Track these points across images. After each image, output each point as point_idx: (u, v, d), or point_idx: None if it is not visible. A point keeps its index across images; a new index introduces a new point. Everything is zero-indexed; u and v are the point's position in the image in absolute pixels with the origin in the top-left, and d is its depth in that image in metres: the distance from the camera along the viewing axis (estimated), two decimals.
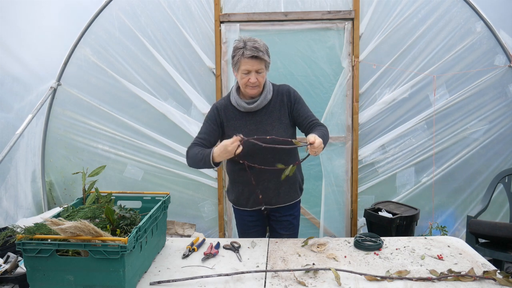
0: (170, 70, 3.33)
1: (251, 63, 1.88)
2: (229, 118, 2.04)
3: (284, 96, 2.04)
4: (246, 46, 1.88)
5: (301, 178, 2.21)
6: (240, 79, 1.96)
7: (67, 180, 3.51)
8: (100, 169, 1.89)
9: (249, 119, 2.02)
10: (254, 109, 2.00)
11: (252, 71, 1.90)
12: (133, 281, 1.53)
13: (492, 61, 3.27)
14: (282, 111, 2.03)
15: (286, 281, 1.58)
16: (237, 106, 2.03)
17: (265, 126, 2.01)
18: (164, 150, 3.42)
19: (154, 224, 1.73)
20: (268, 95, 2.02)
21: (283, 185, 2.06)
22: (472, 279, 1.54)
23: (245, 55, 1.87)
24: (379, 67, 3.28)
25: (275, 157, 1.97)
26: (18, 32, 3.22)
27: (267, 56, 1.93)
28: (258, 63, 1.89)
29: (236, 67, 1.95)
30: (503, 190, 3.08)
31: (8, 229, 1.53)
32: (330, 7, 3.25)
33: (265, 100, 2.01)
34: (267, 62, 1.94)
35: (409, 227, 2.99)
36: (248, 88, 1.95)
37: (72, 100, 3.41)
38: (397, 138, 3.36)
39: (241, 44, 1.90)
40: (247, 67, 1.89)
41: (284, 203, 2.12)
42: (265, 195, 2.07)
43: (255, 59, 1.88)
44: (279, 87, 2.09)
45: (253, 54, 1.86)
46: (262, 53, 1.88)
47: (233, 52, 1.95)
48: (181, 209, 3.47)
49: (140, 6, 3.29)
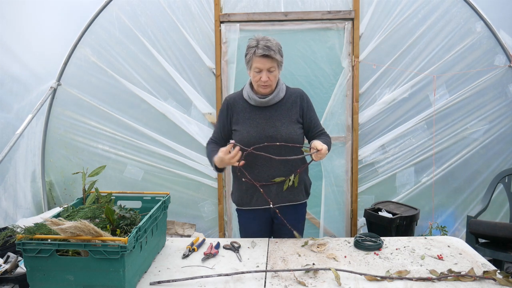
0: (170, 70, 3.33)
1: (263, 61, 1.91)
2: (238, 111, 2.06)
3: (297, 98, 2.08)
4: (258, 45, 1.91)
5: (308, 182, 2.19)
6: (252, 78, 2.00)
7: (67, 180, 3.51)
8: (100, 169, 1.89)
9: (259, 113, 2.04)
10: (265, 104, 2.02)
11: (263, 70, 1.93)
12: (133, 281, 1.53)
13: (492, 61, 3.28)
14: (293, 110, 2.05)
15: (286, 281, 1.58)
16: (248, 99, 2.05)
17: (275, 122, 2.02)
18: (164, 150, 3.42)
19: (154, 224, 1.73)
20: (280, 93, 2.05)
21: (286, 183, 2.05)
22: (472, 279, 1.54)
23: (257, 53, 1.90)
24: (379, 67, 3.28)
25: (278, 151, 1.99)
26: (18, 32, 3.22)
27: (279, 55, 1.95)
28: (269, 62, 1.92)
29: (249, 65, 1.98)
30: (503, 190, 3.08)
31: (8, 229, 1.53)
32: (330, 7, 3.26)
33: (277, 97, 2.03)
34: (279, 61, 1.97)
35: (409, 227, 2.99)
36: (260, 87, 1.99)
37: (72, 100, 3.41)
38: (397, 138, 3.36)
39: (254, 43, 1.93)
40: (259, 65, 1.92)
41: (288, 202, 2.09)
42: (268, 194, 2.05)
43: (266, 58, 1.90)
44: (293, 89, 2.13)
45: (264, 53, 1.89)
46: (273, 52, 1.90)
47: (246, 50, 1.98)
48: (181, 209, 3.47)
49: (140, 6, 3.29)
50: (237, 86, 3.26)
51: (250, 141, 1.98)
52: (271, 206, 2.04)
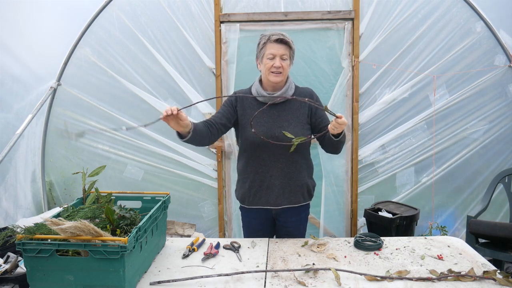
0: (170, 70, 3.33)
1: (277, 47, 1.93)
2: (245, 107, 2.05)
3: (306, 97, 2.04)
4: (273, 34, 1.95)
5: (311, 184, 2.16)
6: (264, 66, 1.98)
7: (67, 180, 3.51)
8: (100, 169, 1.89)
9: (266, 112, 2.01)
10: (274, 100, 2.00)
11: (277, 56, 1.94)
12: (133, 281, 1.53)
13: (492, 61, 3.27)
14: (301, 110, 2.03)
15: (286, 281, 1.58)
16: (256, 95, 2.03)
17: (281, 121, 2.01)
18: (164, 150, 3.42)
19: (154, 224, 1.73)
20: (289, 91, 2.03)
21: (289, 184, 2.05)
22: (472, 279, 1.54)
23: (271, 39, 1.93)
24: (379, 67, 3.28)
25: (285, 156, 2.00)
26: (18, 32, 3.22)
27: (293, 45, 1.98)
28: (283, 48, 1.94)
29: (261, 55, 1.99)
30: (503, 190, 3.08)
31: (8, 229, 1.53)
32: (330, 7, 3.25)
33: (285, 94, 2.01)
34: (292, 51, 1.98)
35: (409, 227, 2.99)
36: (271, 75, 1.96)
37: (72, 100, 3.41)
38: (397, 138, 3.36)
39: (268, 33, 1.97)
40: (273, 51, 1.93)
41: (290, 204, 2.08)
42: (270, 194, 2.06)
43: (280, 43, 1.93)
44: (302, 88, 2.11)
45: (279, 38, 1.92)
46: (287, 39, 1.94)
47: (259, 40, 2.00)
48: (181, 209, 3.47)
49: (140, 6, 3.29)
50: (237, 86, 3.26)
51: (255, 141, 1.97)
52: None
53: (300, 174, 2.06)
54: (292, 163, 2.03)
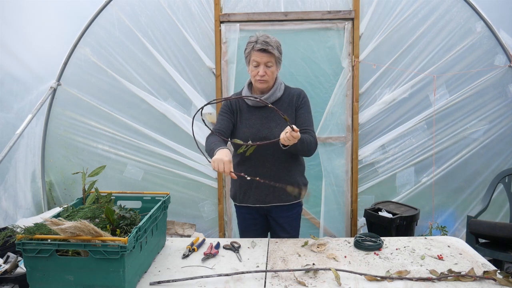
0: (170, 70, 3.33)
1: (260, 55, 1.96)
2: (242, 109, 2.11)
3: (294, 97, 2.09)
4: (258, 40, 1.98)
5: (301, 181, 2.16)
6: (250, 73, 2.04)
7: (67, 180, 3.51)
8: (100, 169, 1.89)
9: (256, 113, 2.07)
10: (261, 104, 2.03)
11: (261, 64, 1.98)
12: (133, 281, 1.53)
13: (492, 61, 3.28)
14: (289, 111, 2.07)
15: (286, 281, 1.58)
16: (246, 99, 2.08)
17: (270, 123, 2.05)
18: (164, 150, 3.41)
19: (154, 224, 1.73)
20: (277, 93, 2.07)
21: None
22: (472, 279, 1.54)
23: (255, 48, 1.96)
24: (379, 67, 3.27)
25: (274, 155, 2.04)
26: (18, 32, 3.22)
27: (277, 52, 2.00)
28: (267, 57, 1.97)
29: (247, 60, 2.04)
30: (503, 190, 3.08)
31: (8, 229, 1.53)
32: (330, 7, 3.25)
33: (273, 97, 2.05)
34: (277, 57, 2.00)
35: (409, 227, 2.99)
36: (257, 82, 2.02)
37: (72, 100, 3.41)
38: (397, 138, 3.36)
39: (254, 39, 2.00)
40: (257, 59, 1.98)
41: (280, 202, 2.12)
42: (260, 193, 2.10)
43: (264, 52, 1.96)
44: (292, 89, 2.14)
45: (262, 47, 1.95)
46: (271, 47, 1.96)
47: (246, 46, 2.04)
48: (181, 209, 3.47)
49: (140, 6, 3.29)
50: (237, 86, 3.26)
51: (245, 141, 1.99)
52: (253, 178, 1.85)
53: (289, 173, 2.10)
54: (281, 163, 2.07)
